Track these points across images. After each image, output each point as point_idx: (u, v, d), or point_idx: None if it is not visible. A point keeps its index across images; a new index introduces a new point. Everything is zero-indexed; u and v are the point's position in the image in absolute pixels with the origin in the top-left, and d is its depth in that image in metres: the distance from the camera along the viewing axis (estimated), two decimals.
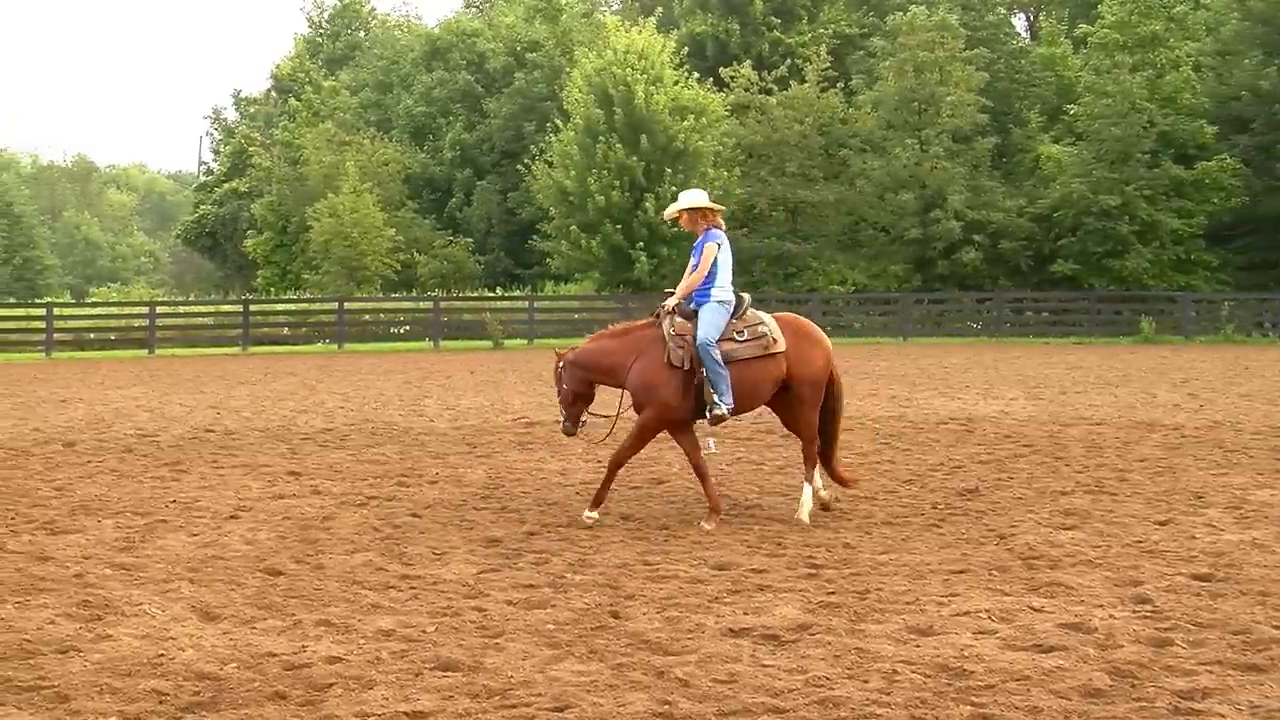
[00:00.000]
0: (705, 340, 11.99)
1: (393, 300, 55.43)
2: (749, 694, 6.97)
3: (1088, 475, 14.57)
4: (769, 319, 12.36)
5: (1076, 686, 7.01)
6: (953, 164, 53.84)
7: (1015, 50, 62.56)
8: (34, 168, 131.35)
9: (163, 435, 19.26)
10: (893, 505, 12.80)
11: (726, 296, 12.24)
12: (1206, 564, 9.93)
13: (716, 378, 11.95)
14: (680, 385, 12.07)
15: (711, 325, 12.08)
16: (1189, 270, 52.18)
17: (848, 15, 64.76)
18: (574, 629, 8.28)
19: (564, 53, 64.95)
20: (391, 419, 21.53)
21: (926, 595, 9.04)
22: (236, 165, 76.92)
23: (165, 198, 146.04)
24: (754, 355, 12.13)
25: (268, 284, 66.41)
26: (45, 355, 44.28)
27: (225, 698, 6.98)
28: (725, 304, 12.23)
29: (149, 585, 9.49)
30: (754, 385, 12.18)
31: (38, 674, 7.35)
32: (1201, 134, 52.42)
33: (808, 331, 12.57)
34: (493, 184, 65.59)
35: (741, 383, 12.08)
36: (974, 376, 29.96)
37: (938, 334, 51.06)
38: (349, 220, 57.50)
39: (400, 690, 7.07)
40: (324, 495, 13.67)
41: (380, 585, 9.53)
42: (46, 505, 13.01)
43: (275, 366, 36.77)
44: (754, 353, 12.12)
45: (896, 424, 20.06)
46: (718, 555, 10.45)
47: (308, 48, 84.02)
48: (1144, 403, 23.21)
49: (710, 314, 12.14)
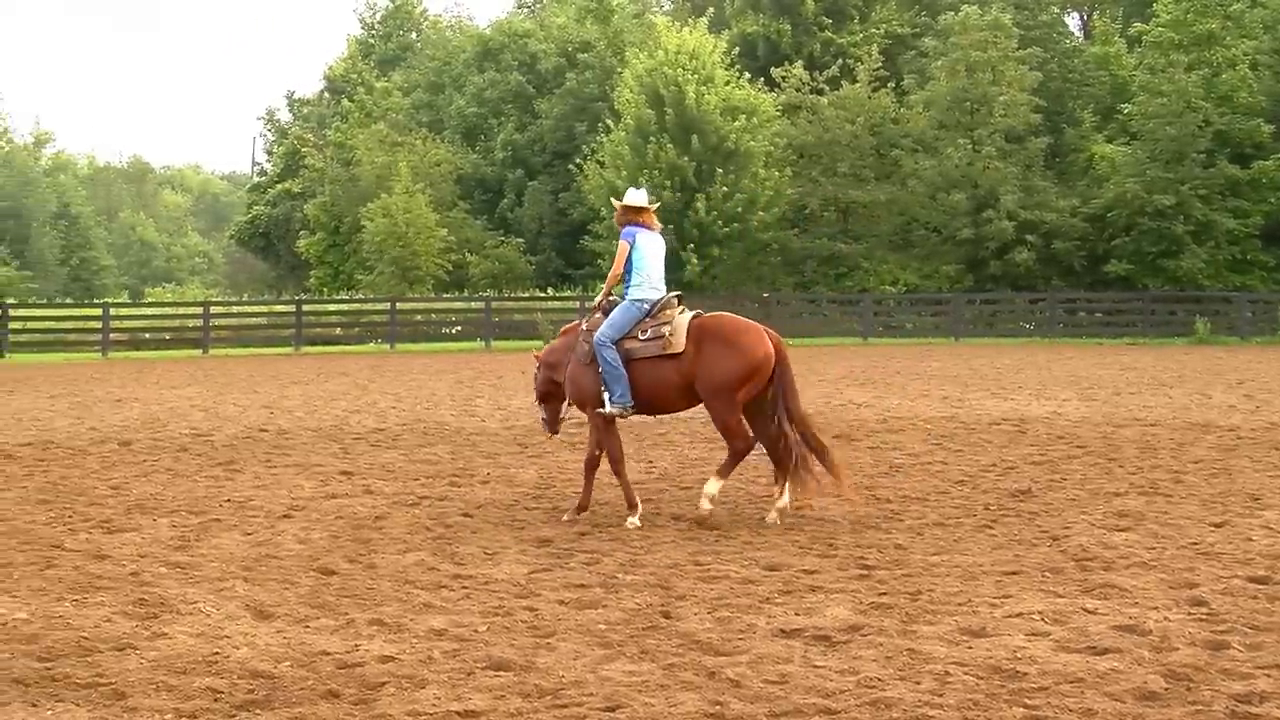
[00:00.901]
0: (599, 339, 12.18)
1: (444, 300, 55.61)
2: (800, 695, 6.95)
3: (1142, 476, 14.47)
4: (682, 320, 12.18)
5: (1131, 689, 6.96)
6: (1005, 164, 53.55)
7: (1069, 49, 62.11)
8: (91, 169, 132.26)
9: (217, 435, 19.38)
10: (945, 506, 12.74)
11: (642, 295, 12.25)
12: (1263, 566, 9.84)
13: (608, 376, 12.09)
14: (594, 381, 12.25)
15: (612, 324, 12.21)
16: (1245, 270, 51.71)
17: (900, 15, 64.48)
18: (625, 629, 8.28)
19: (615, 53, 64.97)
20: (443, 419, 21.60)
21: (979, 596, 9.00)
22: (290, 166, 77.30)
23: (219, 198, 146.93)
24: (651, 355, 12.11)
25: (320, 284, 66.75)
26: (102, 355, 44.70)
27: (279, 696, 7.02)
28: (638, 303, 12.25)
29: (204, 584, 9.56)
30: (653, 386, 12.14)
31: (95, 671, 7.41)
32: (1258, 133, 51.91)
33: (723, 335, 12.08)
34: (544, 184, 65.67)
35: (640, 382, 12.12)
36: (1026, 377, 29.79)
37: (990, 334, 50.80)
38: (402, 220, 57.71)
39: (452, 689, 7.09)
40: (376, 495, 13.72)
41: (432, 585, 9.55)
42: (103, 504, 13.12)
43: (328, 366, 36.96)
44: (651, 353, 12.10)
45: (949, 425, 19.98)
46: (769, 556, 10.43)
47: (360, 49, 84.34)
48: (1199, 404, 23.02)
49: (617, 313, 12.29)
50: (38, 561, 10.27)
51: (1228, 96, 52.48)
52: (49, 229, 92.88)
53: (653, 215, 12.83)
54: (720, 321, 12.27)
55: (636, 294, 12.26)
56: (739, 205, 52.25)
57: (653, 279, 12.36)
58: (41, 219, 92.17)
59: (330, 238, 67.08)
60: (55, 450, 17.57)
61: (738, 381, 11.92)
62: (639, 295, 12.25)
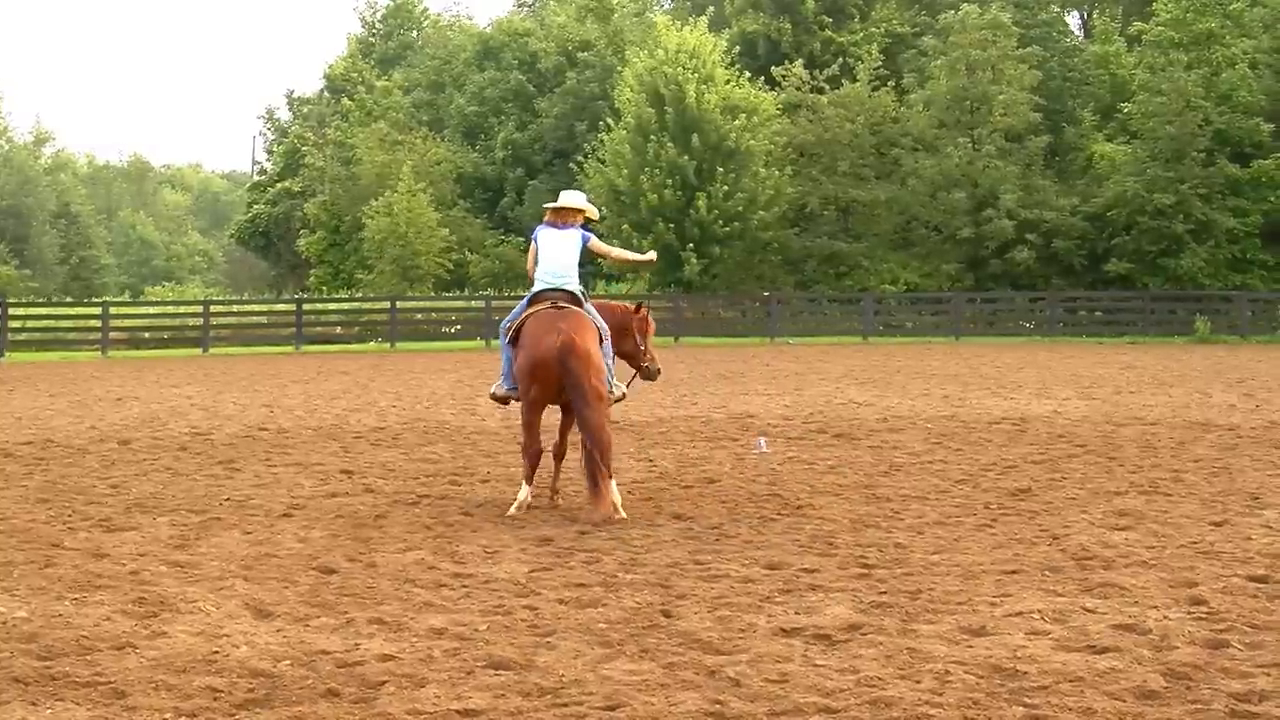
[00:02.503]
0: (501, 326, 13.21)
1: (445, 299, 55.65)
2: (800, 694, 6.95)
3: (1142, 476, 14.47)
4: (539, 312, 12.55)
5: (1131, 688, 6.95)
6: (1005, 163, 53.63)
7: (1068, 48, 62.18)
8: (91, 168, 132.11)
9: (217, 433, 19.39)
10: (945, 505, 12.74)
11: (538, 287, 12.79)
12: (1263, 565, 9.84)
13: (503, 360, 13.03)
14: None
15: (510, 313, 13.06)
16: (1245, 269, 51.77)
17: (900, 14, 64.57)
18: (625, 628, 8.28)
19: (615, 52, 65.03)
20: (443, 418, 21.60)
21: (979, 595, 8.99)
22: (290, 165, 77.37)
23: (219, 197, 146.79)
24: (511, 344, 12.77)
25: (320, 283, 66.81)
26: (101, 354, 44.71)
27: (279, 695, 7.02)
28: (526, 294, 13.02)
29: (203, 583, 9.55)
30: (519, 372, 12.51)
31: (94, 670, 7.40)
32: (1258, 132, 51.98)
33: (537, 330, 12.40)
34: (544, 183, 65.63)
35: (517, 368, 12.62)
36: (1027, 376, 29.79)
37: (990, 333, 50.85)
38: (404, 219, 57.74)
39: (452, 688, 7.09)
40: (376, 494, 13.73)
41: (432, 583, 9.55)
42: (103, 503, 13.11)
43: (328, 365, 36.97)
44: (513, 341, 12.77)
45: (949, 424, 19.98)
46: (769, 555, 10.42)
47: (360, 48, 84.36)
48: (1199, 403, 23.03)
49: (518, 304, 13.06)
50: (37, 560, 10.26)
51: (1227, 95, 52.54)
52: (49, 228, 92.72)
53: (573, 214, 13.28)
54: (536, 317, 12.55)
55: (537, 286, 12.86)
56: (739, 204, 52.31)
57: (545, 272, 12.86)
58: (41, 218, 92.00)
59: (330, 237, 67.17)
60: (55, 449, 17.57)
61: (522, 378, 12.47)
62: (537, 288, 12.85)
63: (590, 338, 12.33)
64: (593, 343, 12.33)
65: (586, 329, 12.40)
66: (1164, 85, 52.08)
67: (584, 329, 12.35)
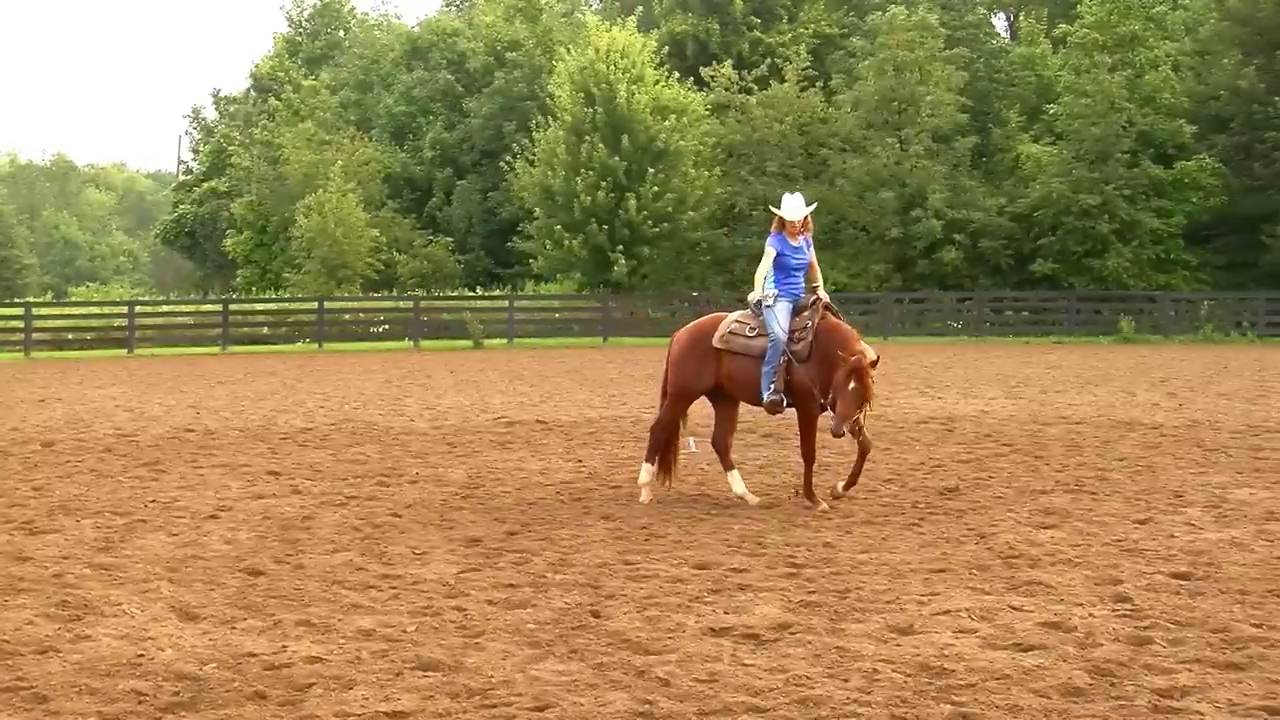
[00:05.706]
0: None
1: (373, 300, 55.37)
2: (729, 693, 6.97)
3: (1067, 474, 14.60)
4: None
5: (1056, 685, 7.02)
6: (933, 163, 53.91)
7: (995, 50, 62.63)
8: (12, 166, 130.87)
9: (142, 435, 19.21)
10: (873, 504, 12.82)
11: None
12: (1186, 563, 9.96)
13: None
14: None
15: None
16: (1168, 270, 52.30)
17: (828, 15, 64.74)
18: (554, 628, 8.28)
19: (544, 52, 64.91)
20: (372, 418, 21.50)
21: (907, 594, 9.05)
22: (216, 165, 76.67)
23: (144, 197, 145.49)
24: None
25: (247, 283, 66.28)
26: (24, 355, 44.12)
27: (205, 698, 6.97)
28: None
29: (128, 585, 9.47)
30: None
31: (16, 674, 7.32)
32: (1180, 134, 52.56)
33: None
34: (473, 183, 65.54)
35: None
36: (954, 376, 29.99)
37: (918, 333, 51.10)
38: (333, 219, 57.39)
39: (380, 690, 7.06)
40: (304, 495, 13.65)
41: (360, 585, 9.51)
42: (25, 505, 12.97)
43: (255, 366, 36.69)
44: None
45: (876, 423, 20.05)
46: (698, 554, 10.45)
47: (287, 47, 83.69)
48: (1123, 402, 23.26)
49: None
50: None
51: (1151, 97, 53.11)
52: None
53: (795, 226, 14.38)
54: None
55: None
56: (669, 205, 52.32)
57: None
58: None
59: (257, 237, 66.68)
60: None
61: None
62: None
63: None
64: None
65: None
66: (1089, 87, 52.54)
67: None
